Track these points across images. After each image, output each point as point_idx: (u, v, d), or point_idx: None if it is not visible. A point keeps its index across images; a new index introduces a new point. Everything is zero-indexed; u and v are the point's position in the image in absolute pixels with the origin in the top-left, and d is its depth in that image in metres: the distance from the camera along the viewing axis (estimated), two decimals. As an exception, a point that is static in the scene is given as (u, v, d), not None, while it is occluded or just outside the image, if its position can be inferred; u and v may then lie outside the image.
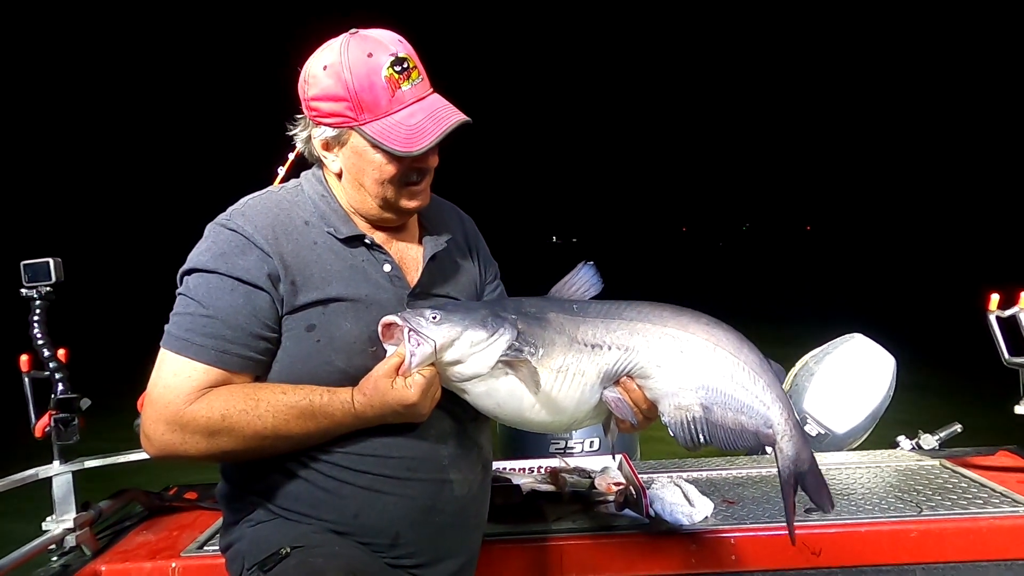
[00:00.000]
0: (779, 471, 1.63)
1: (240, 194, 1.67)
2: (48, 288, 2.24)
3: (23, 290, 2.23)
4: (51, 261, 2.24)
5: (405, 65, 1.51)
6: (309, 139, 1.61)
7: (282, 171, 2.24)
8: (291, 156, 2.24)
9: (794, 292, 20.19)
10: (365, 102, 1.50)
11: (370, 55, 1.50)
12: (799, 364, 3.10)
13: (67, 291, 2.30)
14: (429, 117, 1.52)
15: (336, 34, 1.57)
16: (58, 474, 2.21)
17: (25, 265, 2.22)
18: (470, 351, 1.48)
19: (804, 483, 1.64)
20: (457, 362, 1.50)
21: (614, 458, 2.53)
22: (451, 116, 1.53)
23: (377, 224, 1.65)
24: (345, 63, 1.50)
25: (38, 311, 2.23)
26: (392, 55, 1.50)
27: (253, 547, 1.54)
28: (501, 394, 1.53)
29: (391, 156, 1.52)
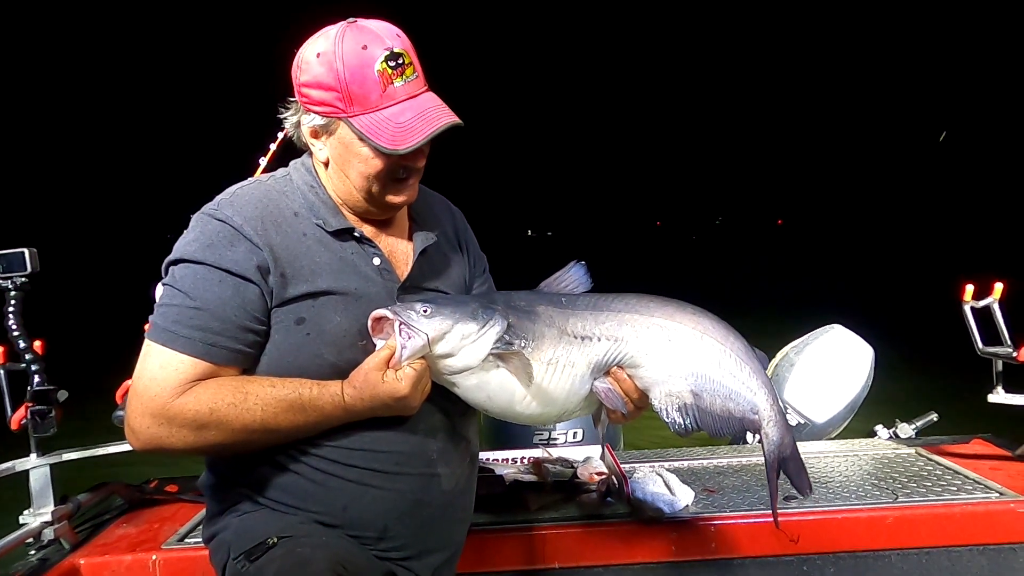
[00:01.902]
0: (764, 456, 1.66)
1: (219, 183, 1.65)
2: (23, 279, 2.21)
3: (-3, 281, 2.19)
4: (26, 251, 2.20)
5: (400, 61, 1.49)
6: (299, 124, 1.60)
7: (264, 161, 2.22)
8: (272, 147, 2.22)
9: (770, 285, 20.35)
10: (355, 95, 1.48)
11: (364, 47, 1.48)
12: (779, 355, 3.14)
13: (43, 282, 2.26)
14: (418, 116, 1.50)
15: (324, 24, 1.55)
16: (35, 467, 2.18)
17: None
18: (461, 344, 1.49)
19: (786, 468, 1.67)
20: (448, 355, 1.50)
21: (603, 449, 2.54)
22: (441, 118, 1.51)
23: (363, 216, 1.64)
24: (338, 53, 1.48)
25: (13, 302, 2.19)
26: (387, 49, 1.48)
27: (239, 537, 1.53)
28: (492, 387, 1.54)
29: (377, 151, 1.50)
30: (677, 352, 1.59)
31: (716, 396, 1.60)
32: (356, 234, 1.60)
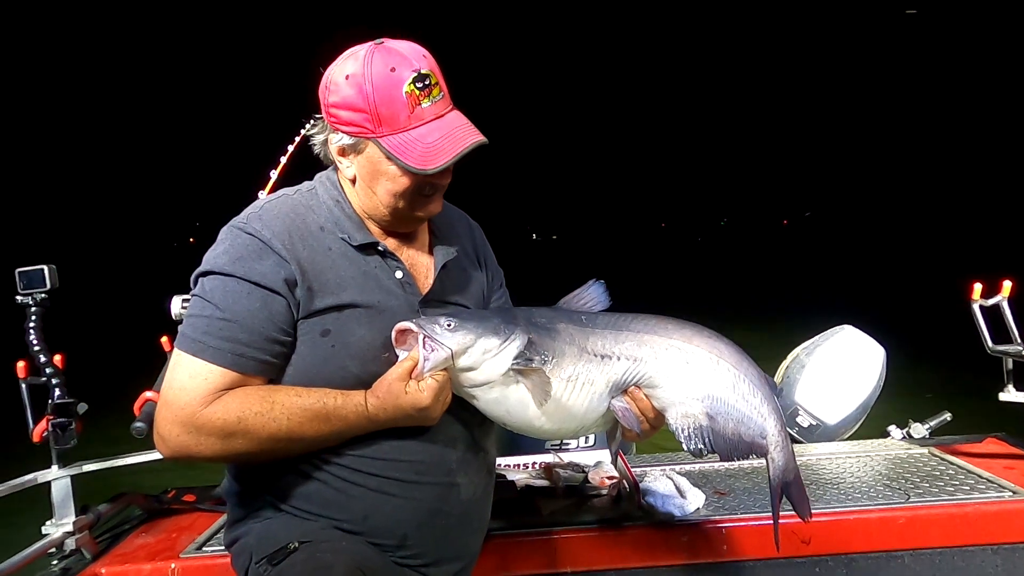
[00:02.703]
0: (769, 480, 1.69)
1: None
2: (43, 295, 2.24)
3: (18, 297, 2.23)
4: (46, 268, 2.24)
5: (427, 82, 1.52)
6: (326, 142, 1.63)
7: (274, 174, 2.25)
8: (283, 160, 2.25)
9: (777, 286, 20.28)
10: (384, 116, 1.51)
11: (393, 69, 1.50)
12: (790, 356, 3.13)
13: (62, 297, 2.30)
14: (446, 136, 1.52)
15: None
16: (57, 478, 2.21)
17: (20, 272, 2.22)
18: (483, 358, 1.52)
19: (789, 493, 1.70)
20: (470, 369, 1.53)
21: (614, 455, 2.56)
22: (468, 137, 1.54)
23: (387, 229, 1.66)
24: (367, 75, 1.50)
25: (34, 318, 2.22)
26: (415, 71, 1.51)
27: (261, 542, 1.56)
28: (511, 401, 1.56)
29: (405, 170, 1.53)
30: (694, 374, 1.61)
31: (729, 419, 1.62)
32: (380, 248, 1.62)
